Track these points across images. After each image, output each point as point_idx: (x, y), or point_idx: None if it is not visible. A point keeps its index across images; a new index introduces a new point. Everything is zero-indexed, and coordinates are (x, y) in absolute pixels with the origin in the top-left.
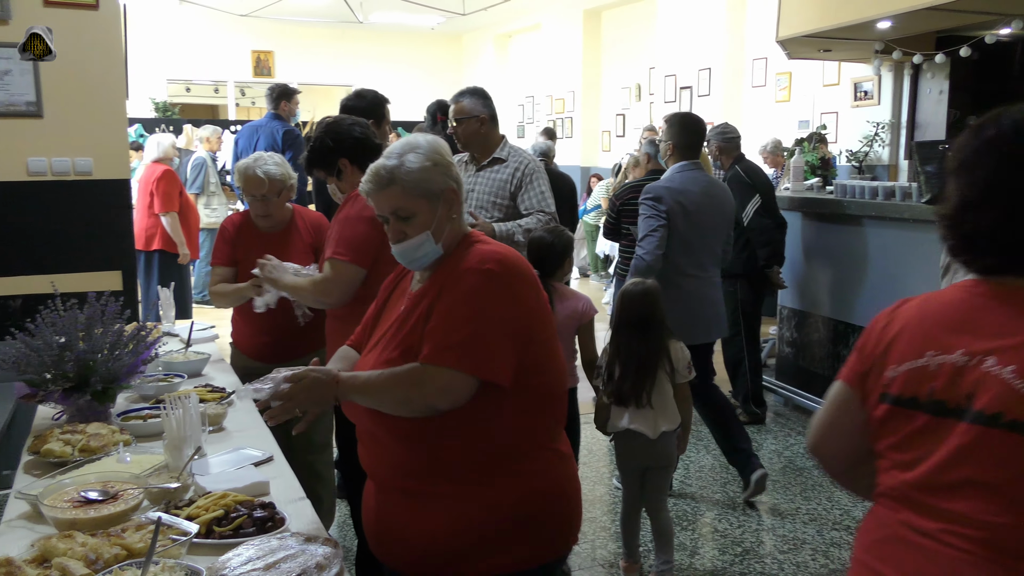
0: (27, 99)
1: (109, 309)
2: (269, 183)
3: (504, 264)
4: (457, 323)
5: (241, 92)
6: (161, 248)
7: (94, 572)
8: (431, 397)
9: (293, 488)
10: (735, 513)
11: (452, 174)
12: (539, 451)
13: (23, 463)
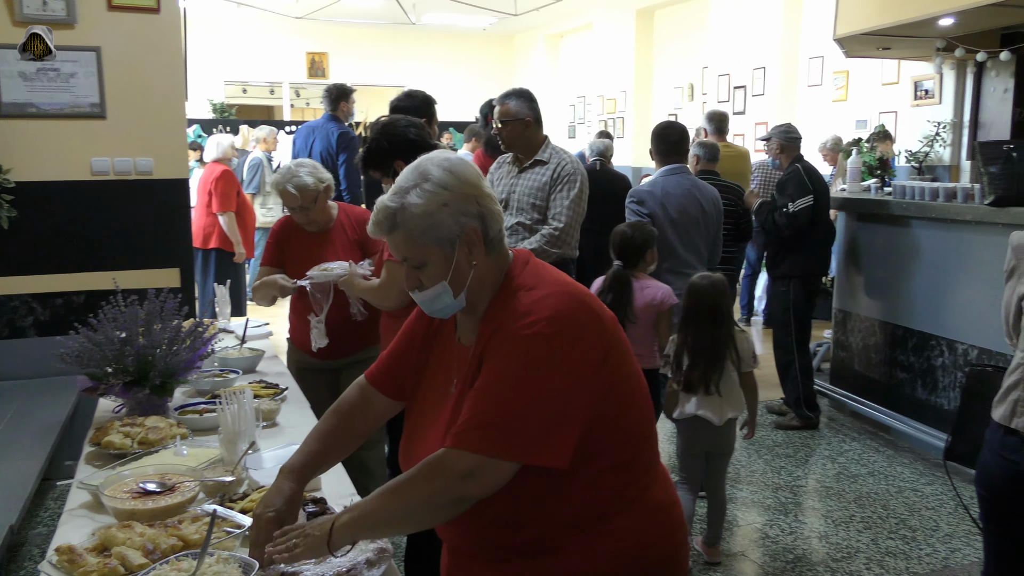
0: (91, 101)
1: (168, 305)
2: (302, 195)
3: (556, 322)
4: (492, 402)
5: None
6: (218, 247)
7: (151, 562)
8: (456, 487)
9: (344, 484)
10: (787, 519)
11: (471, 209)
12: (627, 508)
13: (85, 454)
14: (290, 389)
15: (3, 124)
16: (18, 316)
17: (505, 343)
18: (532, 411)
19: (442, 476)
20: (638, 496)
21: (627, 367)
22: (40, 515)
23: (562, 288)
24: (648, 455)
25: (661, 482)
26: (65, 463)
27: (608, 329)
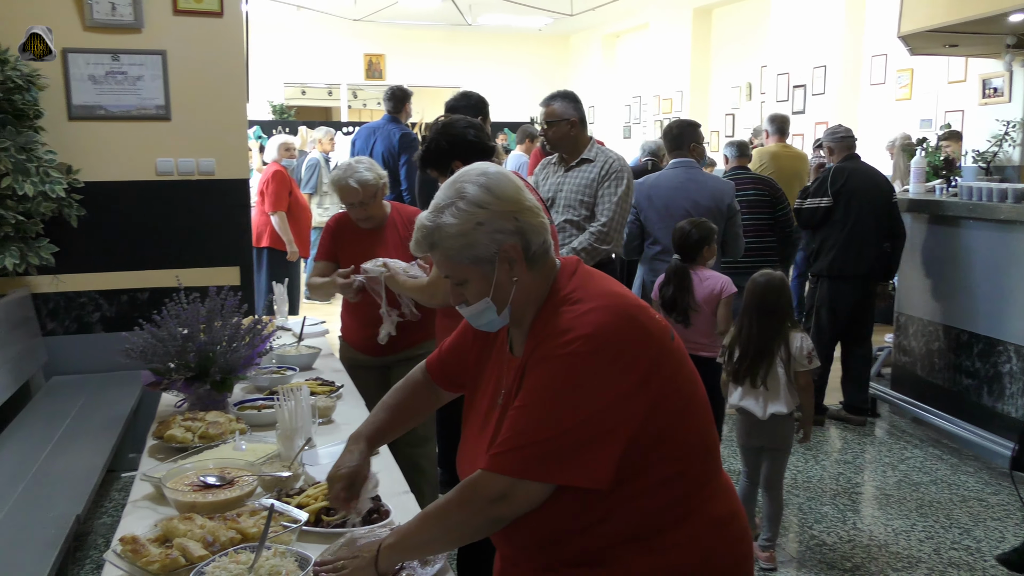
0: (157, 103)
1: (228, 303)
2: (363, 190)
3: (595, 339)
4: (528, 422)
5: (353, 95)
6: (270, 245)
7: (211, 554)
8: (487, 510)
9: (397, 481)
10: (844, 527)
11: (507, 227)
12: (683, 522)
13: (148, 447)
14: (346, 386)
15: (73, 126)
16: (86, 312)
17: (543, 362)
18: (567, 432)
19: (474, 499)
20: (694, 509)
21: (679, 381)
22: (105, 505)
23: (607, 302)
24: (704, 468)
25: (722, 495)
26: (129, 455)
27: (655, 342)
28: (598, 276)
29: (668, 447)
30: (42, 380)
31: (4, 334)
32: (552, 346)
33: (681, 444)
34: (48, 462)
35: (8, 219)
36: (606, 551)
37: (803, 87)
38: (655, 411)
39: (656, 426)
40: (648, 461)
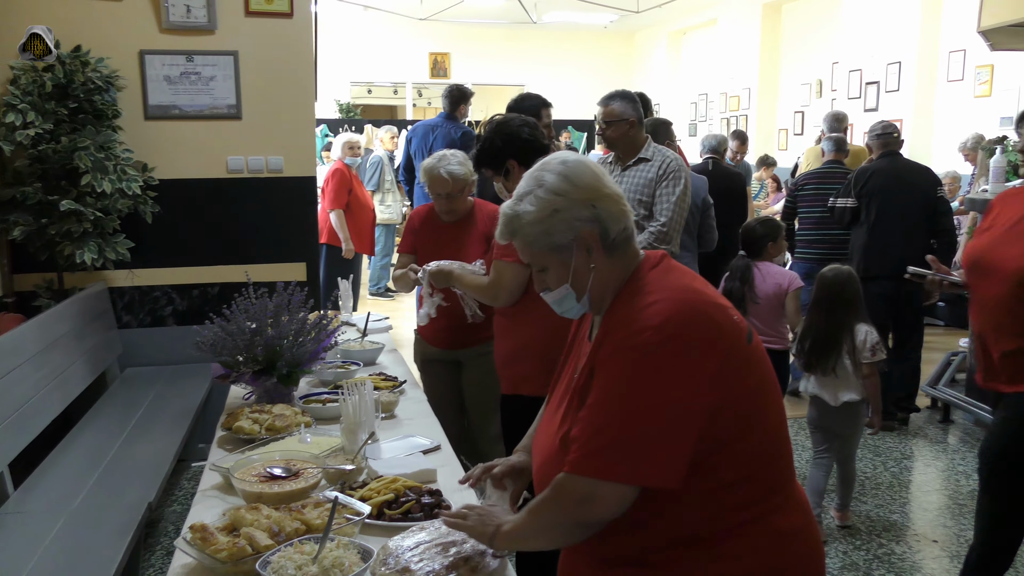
0: (228, 102)
1: (295, 298)
2: (453, 182)
3: (664, 331)
4: (602, 421)
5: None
6: (327, 242)
7: (277, 543)
8: (575, 513)
9: (459, 477)
10: (915, 536)
11: (585, 214)
12: (745, 531)
13: (216, 438)
14: (408, 382)
15: (149, 125)
16: (159, 306)
17: (613, 355)
18: (643, 430)
19: (562, 501)
20: (758, 519)
21: (751, 383)
22: (176, 494)
23: (680, 296)
24: (772, 477)
25: (792, 506)
26: (199, 445)
27: (728, 341)
28: (679, 271)
29: (734, 451)
30: (117, 371)
31: (82, 327)
32: (620, 338)
33: (749, 450)
34: (122, 450)
35: (87, 215)
36: (664, 552)
37: (876, 84)
38: (723, 412)
39: (723, 428)
40: (712, 463)
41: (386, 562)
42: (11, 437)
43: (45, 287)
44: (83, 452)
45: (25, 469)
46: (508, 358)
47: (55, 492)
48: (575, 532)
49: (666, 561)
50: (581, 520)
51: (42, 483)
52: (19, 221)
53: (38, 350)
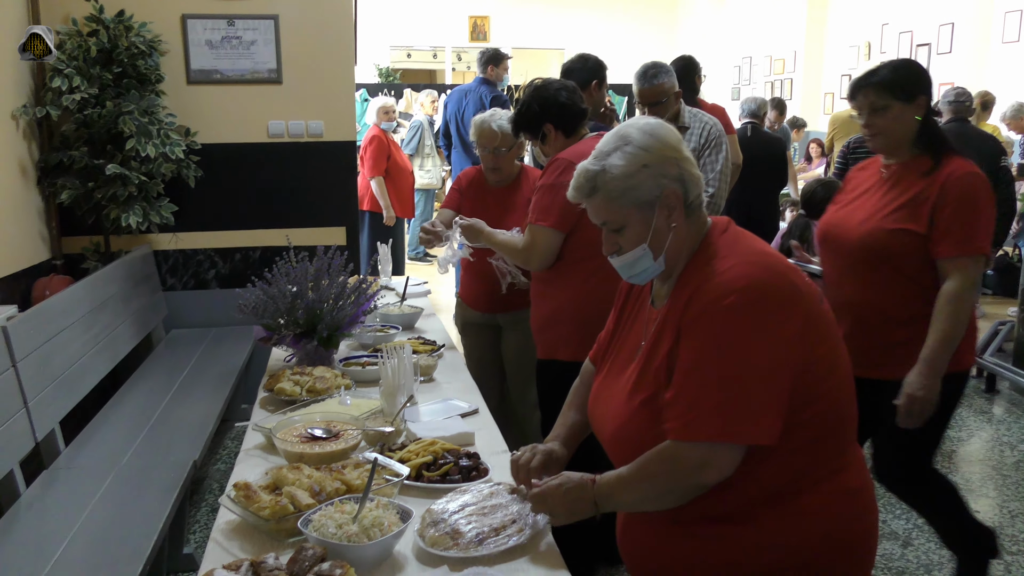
0: (269, 67)
1: (335, 262)
2: (502, 136)
3: (750, 292)
4: (703, 385)
5: (458, 57)
6: (370, 209)
7: (318, 502)
8: (692, 478)
9: (496, 441)
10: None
11: (671, 172)
12: (817, 488)
13: (259, 399)
14: (447, 346)
15: (191, 90)
16: (202, 269)
17: (702, 318)
18: (744, 389)
19: (678, 471)
20: (827, 477)
21: (825, 347)
22: (220, 453)
23: (757, 258)
24: (842, 437)
25: (856, 466)
26: (241, 406)
27: (805, 302)
28: (748, 236)
29: (814, 410)
30: (162, 333)
31: (129, 289)
32: (706, 302)
33: (826, 409)
34: (168, 410)
35: (132, 179)
36: (742, 509)
37: (927, 46)
38: (806, 371)
39: (806, 387)
40: (795, 422)
41: (435, 524)
42: (62, 395)
43: (92, 250)
44: (130, 411)
45: (75, 427)
46: (543, 323)
47: (104, 449)
48: (691, 494)
49: (743, 518)
50: (698, 484)
51: (92, 440)
52: (67, 185)
53: (87, 311)
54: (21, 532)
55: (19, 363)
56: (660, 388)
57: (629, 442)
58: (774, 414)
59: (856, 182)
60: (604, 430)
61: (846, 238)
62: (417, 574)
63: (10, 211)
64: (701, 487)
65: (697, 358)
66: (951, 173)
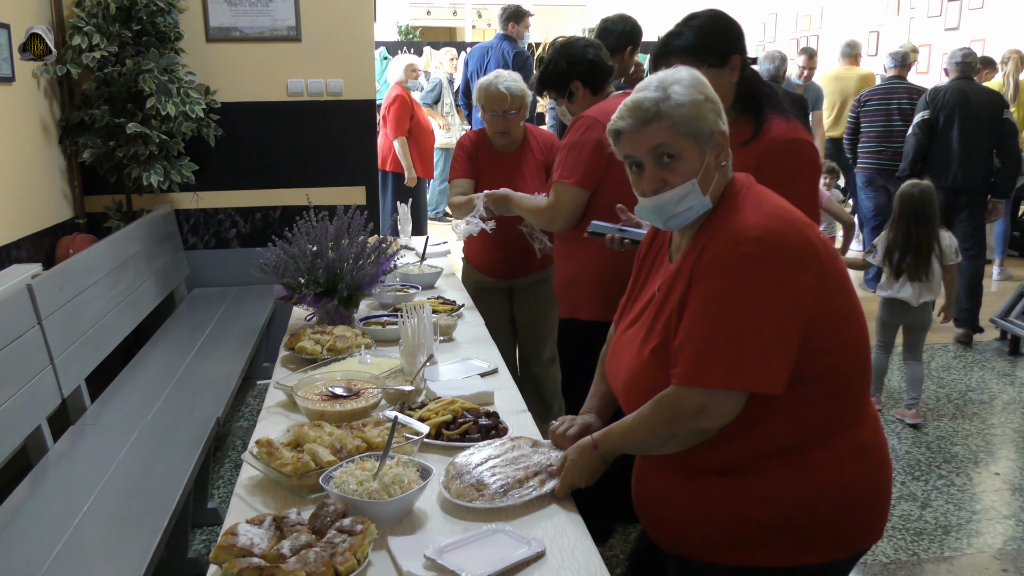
0: (288, 24)
1: (355, 222)
2: (511, 99)
3: (765, 241)
4: (710, 331)
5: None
6: (392, 170)
7: (339, 459)
8: (691, 423)
9: (516, 400)
10: (976, 469)
11: (722, 113)
12: (828, 442)
13: (280, 357)
14: (466, 306)
15: (211, 48)
16: (223, 228)
17: (714, 265)
18: (750, 337)
19: (677, 416)
20: (839, 432)
21: (840, 300)
22: (242, 410)
23: (775, 211)
24: (855, 393)
25: (869, 423)
26: (263, 364)
27: (821, 258)
28: (769, 192)
29: (825, 365)
30: (185, 291)
31: (151, 247)
32: (720, 250)
33: (837, 364)
34: (191, 367)
35: (153, 138)
36: (751, 462)
37: (958, 1)
38: (818, 325)
39: (816, 341)
40: (805, 376)
41: (460, 476)
42: (87, 353)
43: (115, 209)
44: (154, 368)
45: (100, 384)
46: (566, 283)
47: (129, 406)
48: (690, 441)
49: (753, 471)
50: (696, 430)
51: (117, 397)
52: (88, 144)
53: (110, 269)
54: (50, 485)
55: (44, 320)
56: (670, 337)
57: (639, 392)
58: (780, 364)
59: None
60: (617, 381)
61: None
62: (437, 529)
63: (33, 170)
64: (702, 433)
65: (706, 304)
66: (772, 142)
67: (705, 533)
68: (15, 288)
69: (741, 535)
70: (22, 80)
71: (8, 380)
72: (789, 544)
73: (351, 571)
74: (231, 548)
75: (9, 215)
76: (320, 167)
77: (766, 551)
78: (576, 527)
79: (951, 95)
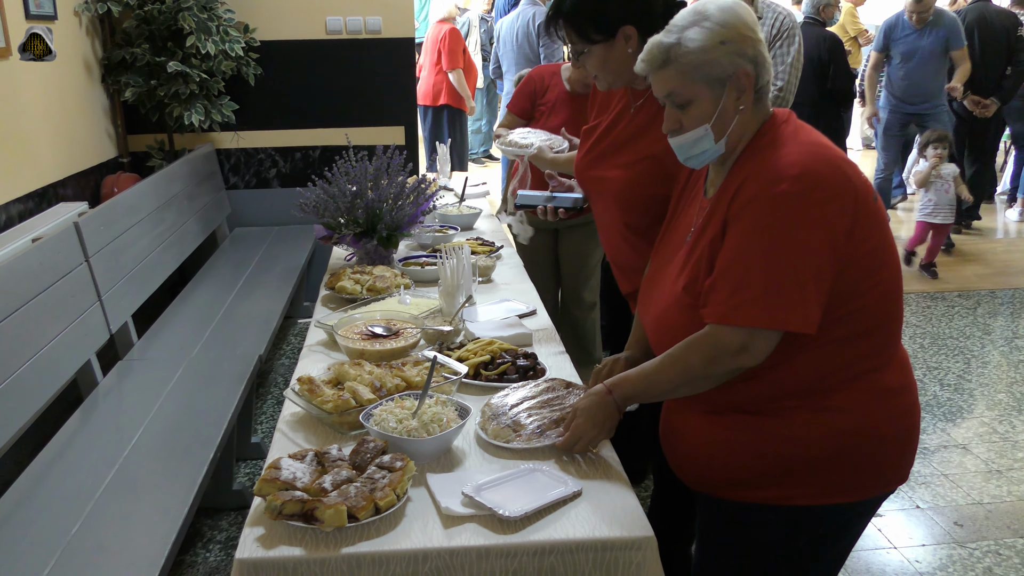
0: None
1: (394, 162)
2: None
3: (802, 180)
4: (748, 270)
5: None
6: (447, 103)
7: (378, 398)
8: (730, 362)
9: (554, 341)
10: (1019, 416)
11: (748, 53)
12: (852, 385)
13: (320, 297)
14: (505, 247)
15: None
16: (264, 168)
17: (751, 203)
18: (789, 276)
19: (717, 355)
20: (865, 374)
21: (874, 242)
22: (283, 348)
23: (814, 149)
24: (885, 335)
25: (897, 366)
26: (303, 303)
27: (860, 197)
28: (808, 129)
29: (855, 307)
30: (226, 231)
31: (193, 187)
32: (758, 187)
33: (868, 306)
34: (234, 305)
35: (193, 77)
36: (773, 400)
37: None
38: (850, 266)
39: (848, 283)
40: (834, 317)
41: (496, 418)
42: (134, 289)
43: (157, 148)
44: (198, 306)
45: (146, 321)
46: None
47: (174, 342)
48: (724, 379)
49: (777, 410)
50: (734, 369)
51: (162, 333)
52: (130, 82)
53: (154, 208)
54: (101, 417)
55: (91, 258)
56: (701, 275)
57: (669, 327)
58: (815, 304)
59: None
60: (648, 316)
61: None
62: (475, 467)
63: (78, 108)
64: (736, 371)
65: (743, 243)
66: None
67: (728, 470)
68: (63, 226)
69: (763, 473)
70: (64, 18)
71: (59, 315)
72: (812, 484)
73: (390, 506)
74: (274, 481)
75: (55, 154)
76: (359, 106)
77: (789, 490)
78: (612, 467)
79: (972, 16)
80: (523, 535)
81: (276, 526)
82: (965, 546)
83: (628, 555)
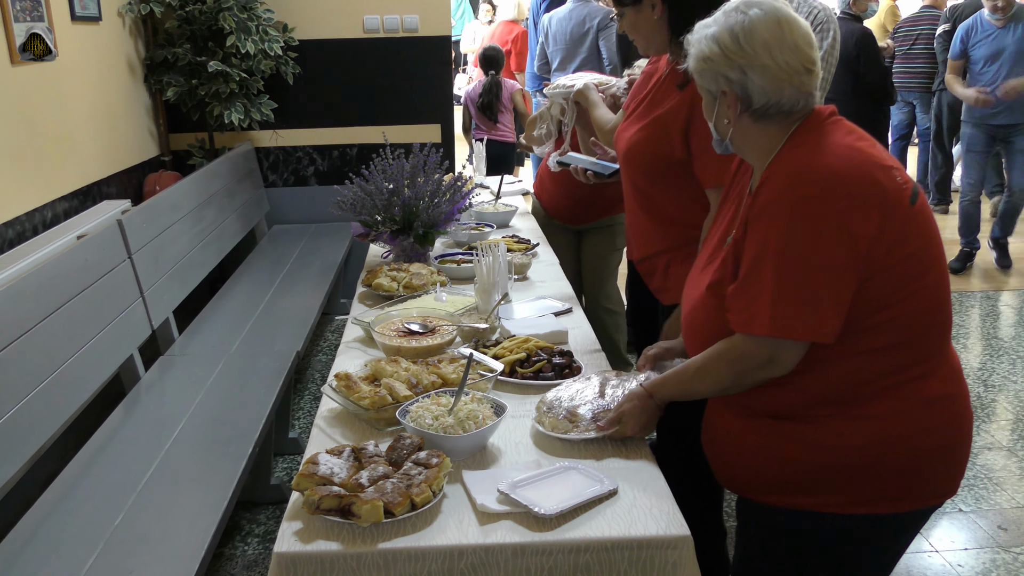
0: None
1: (431, 160)
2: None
3: (823, 184)
4: (763, 277)
5: None
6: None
7: (415, 394)
8: (758, 374)
9: (590, 339)
10: None
11: (730, 75)
12: (892, 393)
13: (357, 294)
14: (540, 245)
15: None
16: (302, 166)
17: (770, 208)
18: (804, 285)
19: (746, 368)
20: (905, 384)
21: (912, 247)
22: (321, 344)
23: (843, 152)
24: (927, 344)
25: (943, 374)
26: (341, 300)
27: (889, 202)
28: (846, 128)
29: (890, 316)
30: (265, 228)
31: (233, 184)
32: (777, 192)
33: (905, 316)
34: (272, 302)
35: (233, 76)
36: (803, 408)
37: None
38: (880, 274)
39: (879, 291)
40: (866, 326)
41: (551, 411)
42: (175, 286)
43: (198, 146)
44: (237, 303)
45: (187, 317)
46: None
47: (214, 338)
48: (748, 387)
49: (810, 417)
50: (763, 379)
51: (202, 329)
52: (172, 82)
53: (194, 206)
54: (143, 411)
55: (134, 255)
56: (726, 276)
57: (698, 328)
58: (833, 313)
59: (635, 93)
60: (684, 310)
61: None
62: (511, 464)
63: (122, 107)
64: (765, 380)
65: (761, 249)
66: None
67: (763, 474)
68: (107, 223)
69: (797, 478)
70: (108, 19)
71: (103, 311)
72: (848, 492)
73: (426, 502)
74: (312, 476)
75: (99, 152)
76: (396, 104)
77: (824, 497)
78: (649, 466)
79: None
80: (558, 533)
81: (313, 520)
82: (1009, 550)
83: (664, 554)
